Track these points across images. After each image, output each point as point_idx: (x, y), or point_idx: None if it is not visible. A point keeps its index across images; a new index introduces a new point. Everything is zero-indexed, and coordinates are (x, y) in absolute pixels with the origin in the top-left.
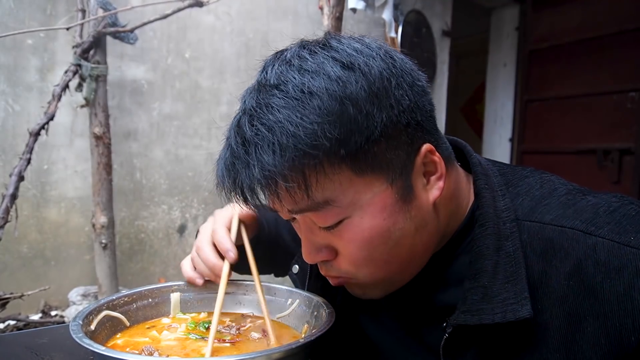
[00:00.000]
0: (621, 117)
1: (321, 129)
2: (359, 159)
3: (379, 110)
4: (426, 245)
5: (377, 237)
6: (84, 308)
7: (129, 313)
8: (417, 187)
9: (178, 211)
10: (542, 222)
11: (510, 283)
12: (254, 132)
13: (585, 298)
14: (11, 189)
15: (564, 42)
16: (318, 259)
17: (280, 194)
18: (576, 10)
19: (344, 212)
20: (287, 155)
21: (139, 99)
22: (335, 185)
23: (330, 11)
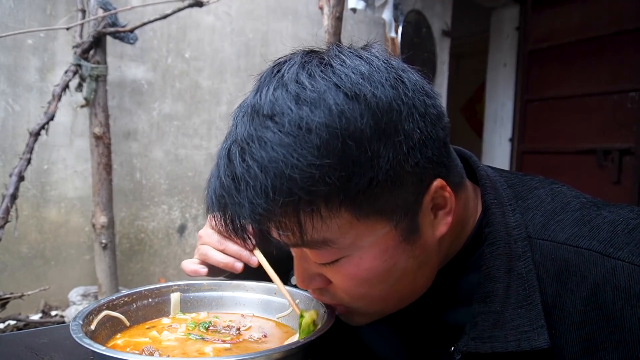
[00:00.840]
0: (621, 117)
1: (319, 172)
2: (360, 203)
3: (385, 148)
4: (428, 279)
5: (375, 277)
6: (84, 308)
7: (129, 313)
8: (423, 225)
9: (178, 211)
10: (556, 241)
11: (523, 308)
12: (244, 169)
13: (604, 325)
14: (11, 189)
15: (564, 42)
16: (312, 287)
17: (269, 235)
18: (576, 10)
19: (342, 252)
20: (281, 201)
21: (139, 99)
22: (333, 229)
23: (330, 11)
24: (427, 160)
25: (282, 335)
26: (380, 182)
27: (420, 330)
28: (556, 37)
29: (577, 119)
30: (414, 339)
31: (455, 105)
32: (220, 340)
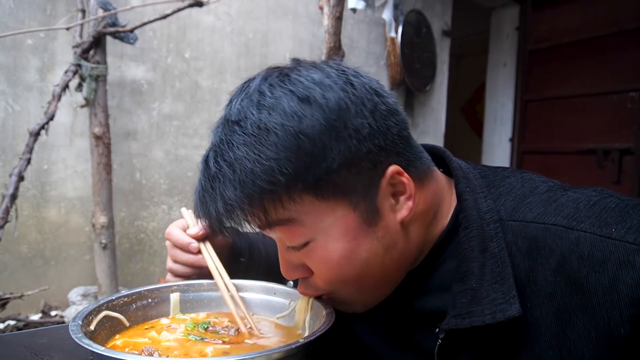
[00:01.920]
0: (621, 117)
1: (277, 164)
2: (319, 187)
3: (336, 141)
4: (398, 263)
5: (343, 259)
6: (84, 308)
7: (129, 313)
8: (383, 208)
9: (178, 211)
10: (525, 220)
11: (498, 283)
12: (217, 169)
13: (573, 293)
14: (11, 189)
15: (564, 42)
16: (294, 276)
17: (240, 222)
18: (576, 10)
19: (308, 233)
20: (246, 191)
21: (138, 99)
22: (297, 209)
23: (330, 11)
24: (380, 149)
25: (281, 336)
26: (334, 170)
27: (408, 319)
28: (556, 37)
29: (577, 119)
30: (403, 329)
31: (455, 105)
32: (220, 341)
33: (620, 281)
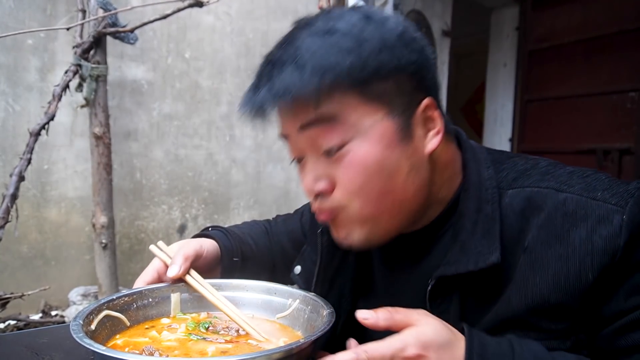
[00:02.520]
0: (621, 117)
1: (338, 57)
2: (367, 88)
3: (389, 55)
4: (417, 191)
5: (373, 164)
6: (84, 308)
7: (129, 313)
8: (415, 132)
9: (178, 211)
10: (522, 186)
11: (485, 239)
12: (280, 55)
13: (552, 244)
14: (11, 189)
15: (564, 42)
16: (317, 189)
17: (294, 106)
18: (576, 10)
19: (346, 133)
20: (306, 73)
21: (139, 99)
22: (342, 105)
23: None
24: (422, 79)
25: (281, 336)
26: (384, 76)
27: (408, 278)
28: (556, 37)
29: (577, 119)
30: (402, 287)
31: (455, 105)
32: (223, 340)
33: (597, 234)
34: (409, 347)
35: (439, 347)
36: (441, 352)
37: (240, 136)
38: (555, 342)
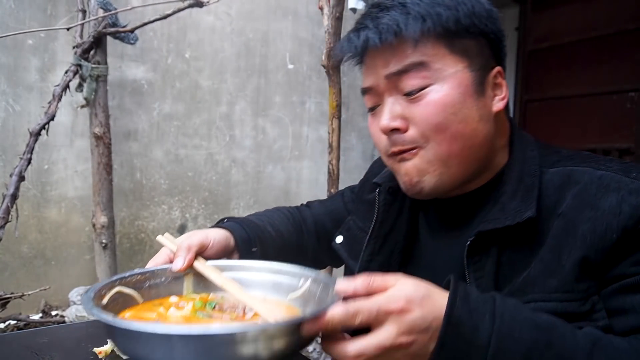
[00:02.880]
0: (621, 117)
1: (441, 8)
2: (455, 41)
3: (478, 20)
4: (483, 141)
5: (450, 106)
6: (97, 283)
7: (142, 291)
8: (487, 91)
9: (178, 211)
10: (564, 166)
11: (523, 201)
12: (391, 2)
13: (584, 209)
14: (12, 189)
15: (564, 42)
16: (392, 126)
17: (393, 48)
18: (576, 10)
19: (430, 78)
20: (411, 15)
21: (139, 99)
22: (433, 52)
23: (330, 11)
24: (496, 48)
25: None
26: (471, 34)
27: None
28: (556, 37)
29: (577, 119)
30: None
31: None
32: (229, 318)
33: (626, 202)
34: (393, 302)
35: (421, 299)
36: (423, 303)
37: (240, 136)
38: (575, 304)
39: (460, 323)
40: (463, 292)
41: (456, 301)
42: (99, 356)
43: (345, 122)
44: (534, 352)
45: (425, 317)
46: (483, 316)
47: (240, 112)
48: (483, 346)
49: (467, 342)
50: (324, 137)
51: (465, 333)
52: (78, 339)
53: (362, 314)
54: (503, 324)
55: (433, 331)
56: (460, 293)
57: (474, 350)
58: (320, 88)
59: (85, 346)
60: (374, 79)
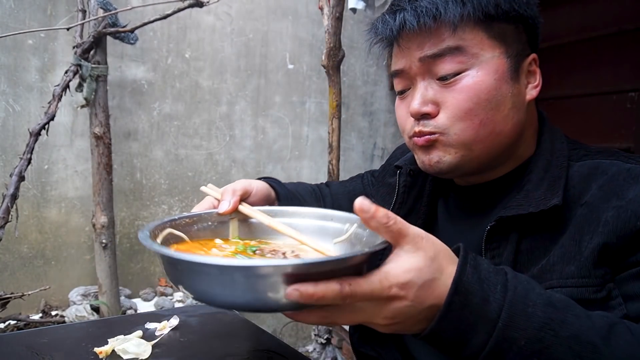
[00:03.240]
0: (621, 117)
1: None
2: (494, 26)
3: (518, 5)
4: (513, 128)
5: (484, 92)
6: (150, 223)
7: (190, 234)
8: (521, 77)
9: (178, 211)
10: (592, 159)
11: (549, 191)
12: None
13: (610, 198)
14: (11, 189)
15: (564, 42)
16: (423, 110)
17: (432, 28)
18: (576, 10)
19: (465, 63)
20: (450, 0)
21: (139, 99)
22: (471, 36)
23: (330, 11)
24: (533, 35)
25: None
26: (509, 19)
27: (473, 229)
28: (556, 37)
29: (577, 119)
30: (469, 234)
31: None
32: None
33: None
34: (385, 288)
35: (421, 286)
36: (422, 291)
37: (240, 136)
38: (591, 290)
39: (469, 292)
40: (473, 260)
41: (466, 268)
42: (99, 356)
43: (345, 122)
44: (547, 330)
45: (417, 305)
46: (494, 287)
47: (240, 112)
48: (492, 319)
49: (475, 313)
50: (324, 137)
51: (473, 303)
52: (78, 339)
53: (354, 298)
54: (516, 297)
55: (426, 314)
56: (471, 261)
57: (481, 322)
58: (320, 88)
59: (85, 346)
60: (406, 61)
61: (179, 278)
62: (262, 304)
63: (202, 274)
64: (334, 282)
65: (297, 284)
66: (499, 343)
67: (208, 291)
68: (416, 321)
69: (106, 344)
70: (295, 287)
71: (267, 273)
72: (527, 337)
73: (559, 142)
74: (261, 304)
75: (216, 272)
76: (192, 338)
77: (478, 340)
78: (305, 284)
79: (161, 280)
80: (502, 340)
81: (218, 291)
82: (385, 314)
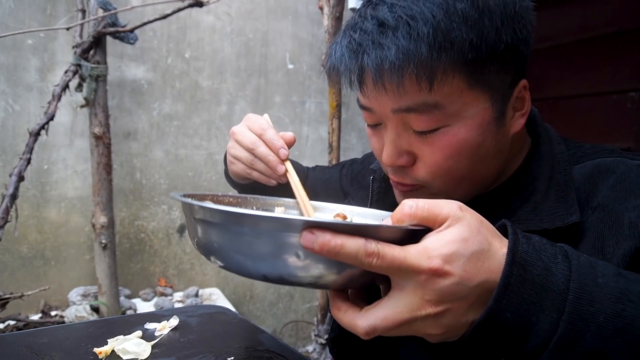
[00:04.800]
0: (621, 117)
1: (459, 29)
2: (476, 71)
3: (505, 30)
4: (496, 170)
5: (466, 149)
6: (190, 193)
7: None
8: (507, 115)
9: (178, 211)
10: (592, 159)
11: (560, 203)
12: (394, 18)
13: (626, 198)
14: (11, 189)
15: (564, 42)
16: (398, 163)
17: (402, 80)
18: (576, 10)
19: (445, 120)
20: (425, 44)
21: (138, 99)
22: (450, 91)
23: (330, 11)
24: (524, 58)
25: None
26: (495, 56)
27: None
28: (556, 37)
29: (577, 119)
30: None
31: None
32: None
33: None
34: (424, 259)
35: (468, 259)
36: (470, 264)
37: None
38: None
39: (528, 262)
40: (523, 233)
41: (519, 238)
42: (99, 356)
43: (345, 122)
44: (626, 302)
45: (466, 282)
46: (554, 257)
47: (240, 112)
48: (560, 292)
49: (538, 285)
50: (324, 137)
51: (534, 275)
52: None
53: (382, 260)
54: (581, 267)
55: (476, 298)
56: (521, 233)
57: (548, 298)
58: (320, 88)
59: (84, 346)
60: (376, 105)
61: (210, 237)
62: (290, 270)
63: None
64: (358, 237)
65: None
66: (573, 322)
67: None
68: (467, 306)
69: (106, 344)
70: (312, 230)
71: (294, 227)
72: (604, 312)
73: (557, 143)
74: (289, 270)
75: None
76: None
77: (546, 321)
78: (324, 231)
79: (161, 280)
80: (576, 317)
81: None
82: (430, 297)
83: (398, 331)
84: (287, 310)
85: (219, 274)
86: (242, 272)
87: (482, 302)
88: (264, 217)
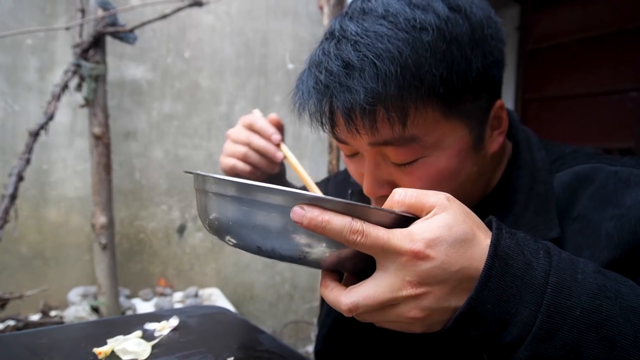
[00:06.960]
0: (621, 117)
1: (428, 64)
2: (450, 102)
3: (475, 57)
4: (479, 193)
5: (446, 177)
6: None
7: None
8: (485, 137)
9: (178, 211)
10: (571, 166)
11: (540, 215)
12: (359, 57)
13: (605, 207)
14: (11, 189)
15: (564, 42)
16: (379, 194)
17: (375, 123)
18: (576, 10)
19: (423, 151)
20: (394, 84)
21: (138, 99)
22: (425, 124)
23: (330, 11)
24: (498, 79)
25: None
26: (469, 85)
27: None
28: (556, 37)
29: (577, 119)
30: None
31: None
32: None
33: None
34: (407, 241)
35: (451, 244)
36: (453, 249)
37: None
38: None
39: (509, 256)
40: (507, 228)
41: (502, 233)
42: (98, 356)
43: None
44: (603, 299)
45: (446, 267)
46: (536, 253)
47: (240, 112)
48: (539, 285)
49: (519, 279)
50: (324, 137)
51: (515, 268)
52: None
53: (366, 238)
54: (562, 263)
55: (457, 283)
56: (505, 228)
57: (527, 291)
58: None
59: (84, 347)
60: (353, 139)
61: (224, 212)
62: (281, 244)
63: (253, 198)
64: (346, 215)
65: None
66: (550, 315)
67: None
68: (448, 291)
69: (105, 344)
70: (302, 206)
71: (286, 202)
72: (581, 306)
73: (537, 149)
74: (290, 246)
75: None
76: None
77: (525, 313)
78: (313, 207)
79: (160, 280)
80: (553, 310)
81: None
82: (410, 278)
83: (382, 315)
84: (287, 311)
85: (219, 274)
86: (239, 241)
87: (463, 288)
88: (257, 187)
